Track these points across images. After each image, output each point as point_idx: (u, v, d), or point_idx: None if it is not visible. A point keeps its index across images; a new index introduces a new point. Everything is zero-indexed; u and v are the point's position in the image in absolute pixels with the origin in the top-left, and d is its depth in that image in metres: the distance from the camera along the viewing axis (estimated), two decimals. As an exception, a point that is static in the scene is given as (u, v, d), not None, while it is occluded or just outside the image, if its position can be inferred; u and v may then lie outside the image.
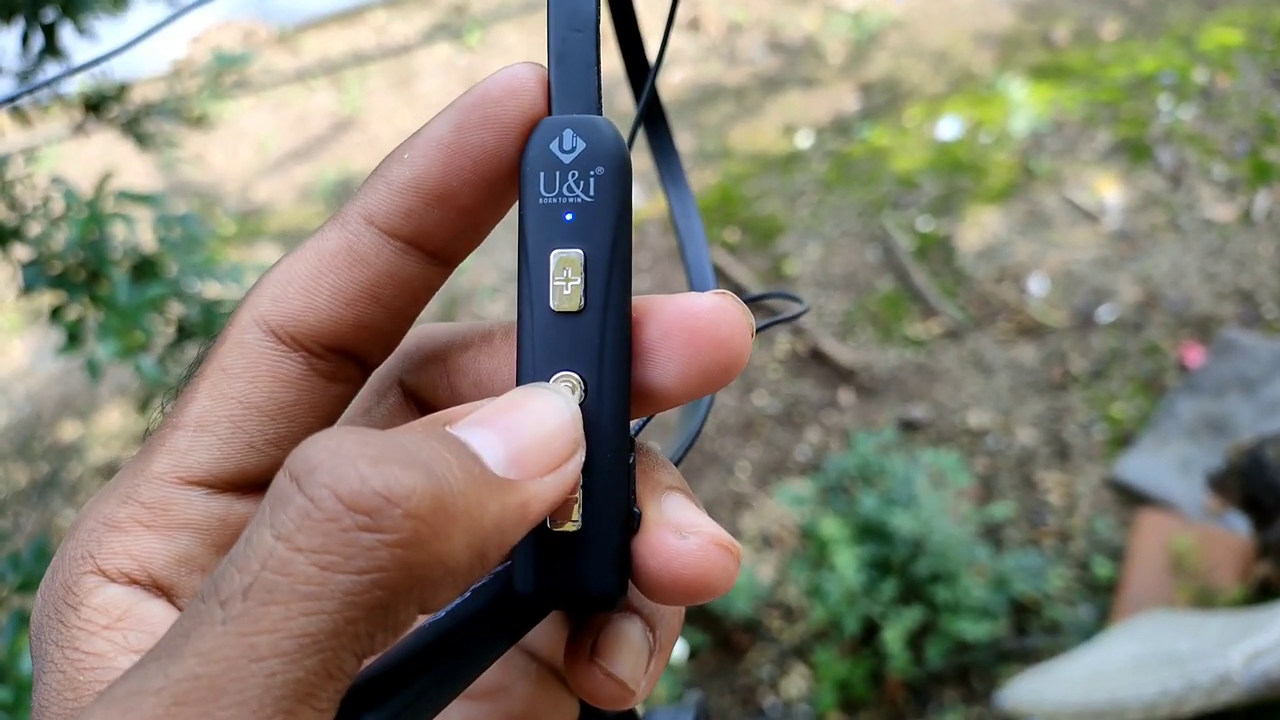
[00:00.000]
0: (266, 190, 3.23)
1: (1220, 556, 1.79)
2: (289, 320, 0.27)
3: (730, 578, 0.25)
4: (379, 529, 0.19)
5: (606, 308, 0.25)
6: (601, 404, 0.25)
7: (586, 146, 0.25)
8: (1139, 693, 1.48)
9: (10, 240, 0.79)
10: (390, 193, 0.27)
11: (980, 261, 2.40)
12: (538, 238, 0.25)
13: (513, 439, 0.23)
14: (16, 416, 2.69)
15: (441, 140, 0.26)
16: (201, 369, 0.27)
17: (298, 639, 0.19)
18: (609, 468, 0.26)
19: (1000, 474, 2.02)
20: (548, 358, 0.26)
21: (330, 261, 0.27)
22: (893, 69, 3.02)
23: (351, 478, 0.19)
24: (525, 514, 0.22)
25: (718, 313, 0.25)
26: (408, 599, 0.20)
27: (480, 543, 0.21)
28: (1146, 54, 2.82)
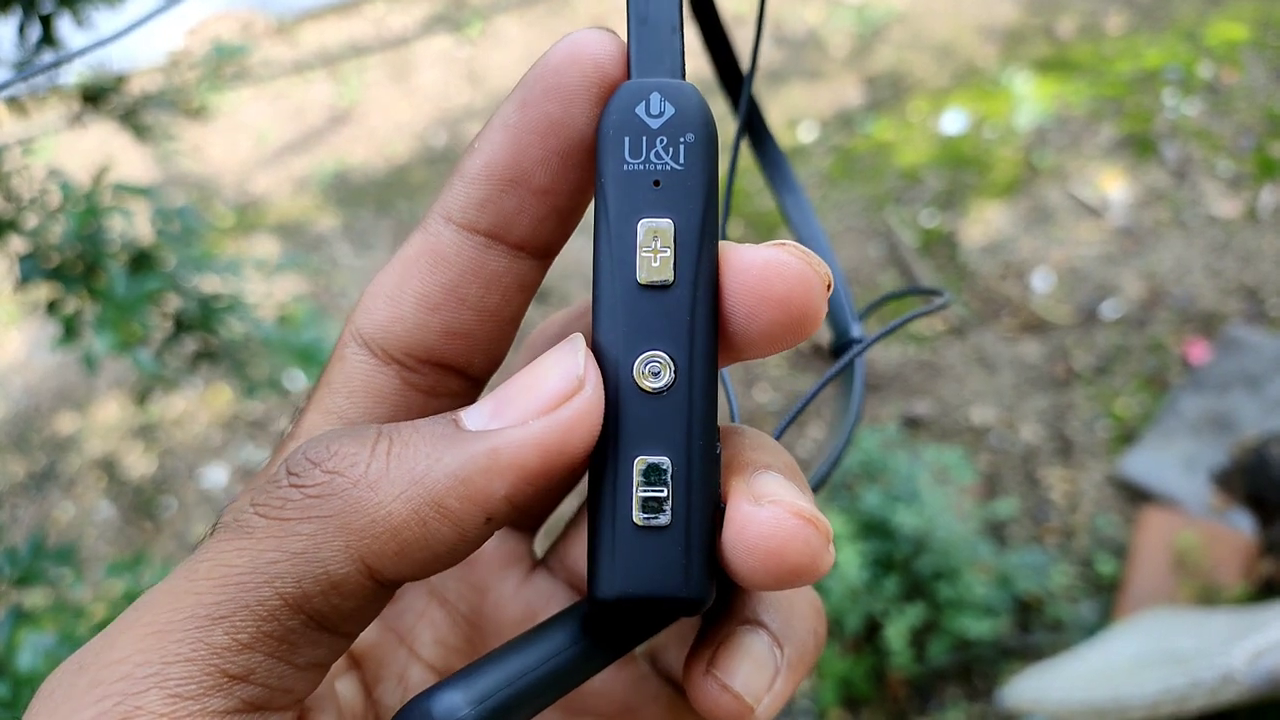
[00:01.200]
0: (265, 182, 3.21)
1: (1224, 554, 1.78)
2: (378, 332, 0.26)
3: (814, 556, 0.23)
4: (301, 484, 0.22)
5: (697, 282, 0.23)
6: (692, 387, 0.23)
7: (676, 112, 0.24)
8: (1142, 691, 1.48)
9: (7, 232, 0.78)
10: (464, 185, 0.25)
11: (984, 257, 2.39)
12: (622, 206, 0.24)
13: (501, 395, 0.23)
14: (14, 409, 2.68)
15: (507, 121, 0.25)
16: (318, 380, 0.28)
17: (225, 568, 0.21)
18: (699, 457, 0.23)
19: (1003, 471, 2.01)
20: (632, 336, 0.23)
21: (413, 267, 0.26)
22: (896, 62, 3.01)
23: (300, 451, 0.22)
24: (495, 460, 0.22)
25: (773, 267, 0.23)
26: (330, 546, 0.21)
27: (427, 493, 0.21)
28: (1152, 48, 2.80)
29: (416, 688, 0.28)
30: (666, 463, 0.23)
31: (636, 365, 0.23)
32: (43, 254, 0.76)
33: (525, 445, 0.22)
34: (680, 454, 0.23)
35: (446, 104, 3.33)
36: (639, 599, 0.23)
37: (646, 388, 0.23)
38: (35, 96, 1.14)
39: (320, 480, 0.22)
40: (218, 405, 2.52)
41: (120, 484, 2.43)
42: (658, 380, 0.23)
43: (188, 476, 2.41)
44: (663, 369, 0.23)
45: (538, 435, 0.22)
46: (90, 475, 2.46)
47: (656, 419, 0.23)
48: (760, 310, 0.23)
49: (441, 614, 0.30)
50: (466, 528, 0.22)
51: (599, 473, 0.24)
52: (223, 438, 2.46)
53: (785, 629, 0.27)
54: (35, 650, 0.73)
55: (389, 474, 0.21)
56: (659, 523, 0.23)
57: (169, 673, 0.20)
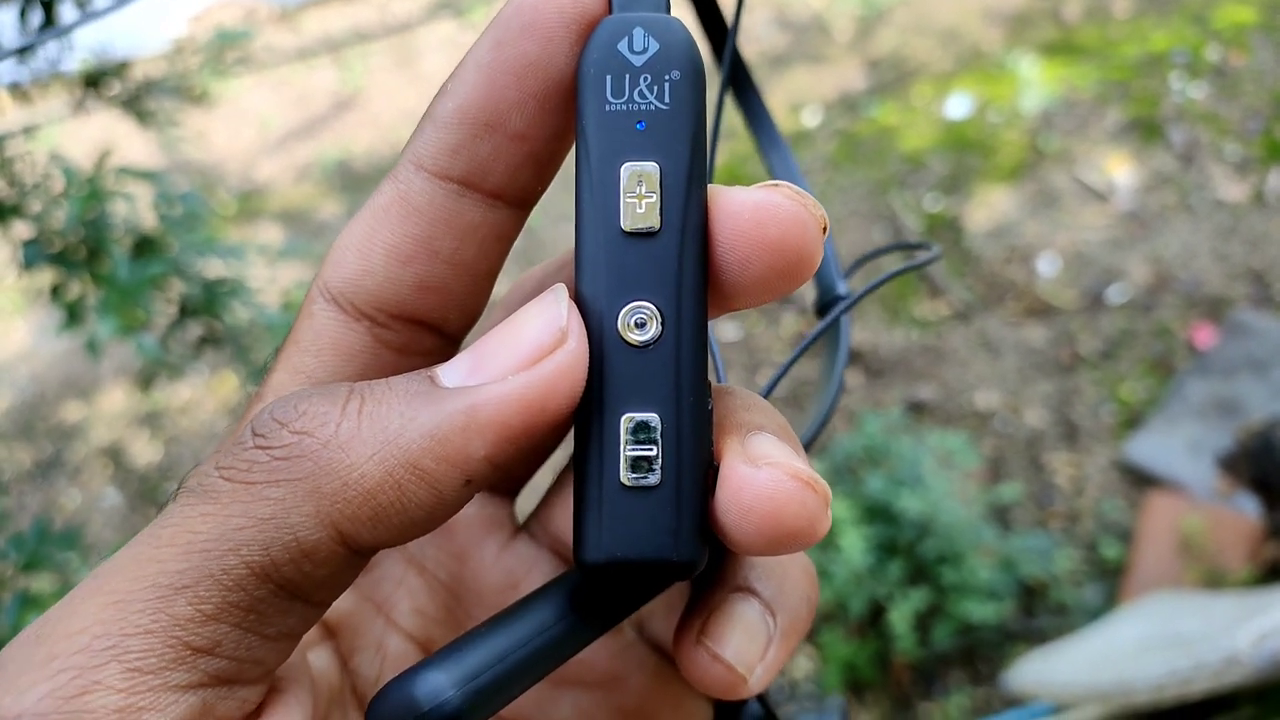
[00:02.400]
0: (268, 169, 3.21)
1: (1229, 538, 1.78)
2: (346, 285, 0.25)
3: (811, 519, 0.22)
4: (267, 445, 0.20)
5: (685, 228, 0.22)
6: (680, 338, 0.22)
7: (660, 48, 0.22)
8: (1146, 673, 1.48)
9: (10, 217, 0.78)
10: (436, 130, 0.24)
11: (989, 242, 2.38)
12: (604, 149, 0.22)
13: (479, 349, 0.22)
14: (20, 397, 2.69)
15: (480, 61, 0.23)
16: (286, 338, 0.26)
17: (189, 534, 0.20)
18: (690, 413, 0.22)
19: (1008, 455, 2.01)
20: (615, 285, 0.22)
21: (383, 217, 0.24)
22: (900, 46, 2.99)
23: (266, 411, 0.21)
24: (473, 418, 0.20)
25: (766, 210, 0.22)
26: (299, 511, 0.20)
27: (402, 453, 0.20)
28: (1158, 31, 2.78)
29: (395, 657, 0.28)
30: (655, 419, 0.22)
31: (621, 317, 0.22)
32: (46, 239, 0.76)
33: (505, 402, 0.21)
34: (669, 410, 0.22)
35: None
36: (628, 563, 0.22)
37: (632, 340, 0.22)
38: (38, 83, 1.14)
39: (288, 441, 0.20)
40: (223, 393, 2.52)
41: (126, 471, 2.44)
42: (644, 333, 0.22)
43: (193, 464, 2.42)
44: (649, 320, 0.22)
45: (519, 391, 0.21)
46: (96, 463, 2.47)
47: (644, 374, 0.22)
48: (753, 256, 0.22)
49: (420, 582, 0.29)
50: (444, 490, 0.21)
51: (584, 431, 0.23)
52: (228, 425, 2.47)
53: (778, 596, 0.26)
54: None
55: (360, 434, 0.20)
56: (648, 483, 0.22)
57: (128, 645, 0.19)
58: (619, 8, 0.23)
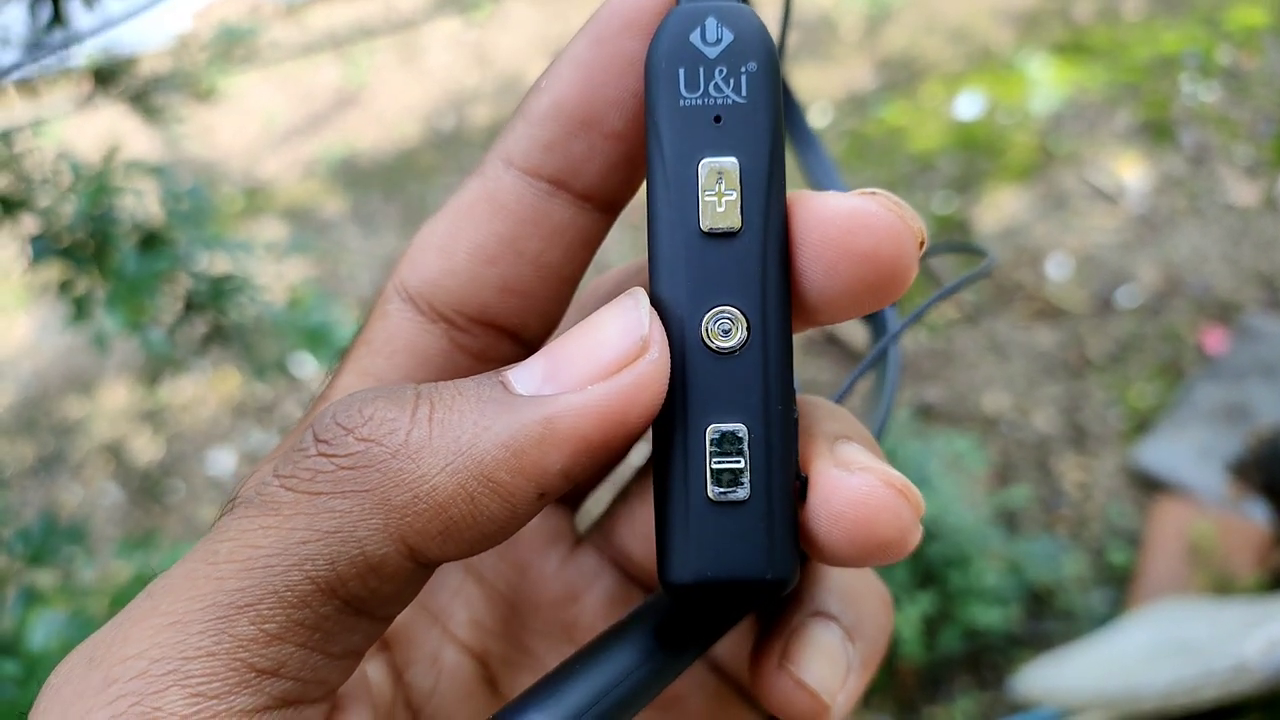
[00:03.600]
0: (273, 166, 3.20)
1: (1238, 544, 1.77)
2: (426, 285, 0.24)
3: (904, 528, 0.21)
4: (332, 453, 0.19)
5: (767, 228, 0.21)
6: (767, 345, 0.21)
7: (735, 38, 0.21)
8: (1154, 680, 1.47)
9: (18, 211, 0.77)
10: (529, 126, 0.23)
11: (998, 243, 2.37)
12: (680, 145, 0.21)
13: (555, 354, 0.21)
14: (23, 393, 2.68)
15: (578, 58, 0.23)
16: (355, 339, 0.25)
17: (250, 549, 0.19)
18: (777, 423, 0.21)
19: (1016, 459, 2.00)
20: (697, 288, 0.21)
21: (468, 214, 0.24)
22: (909, 45, 2.98)
23: (328, 414, 0.20)
24: (551, 430, 0.19)
25: (860, 218, 0.21)
26: (367, 524, 0.19)
27: (475, 465, 0.19)
28: (1170, 33, 2.77)
29: (451, 671, 0.27)
30: (742, 430, 0.21)
31: (705, 322, 0.21)
32: (54, 234, 0.75)
33: (584, 414, 0.20)
34: (757, 420, 0.21)
35: (455, 87, 3.31)
36: (718, 583, 0.21)
37: (716, 347, 0.21)
38: (46, 78, 1.13)
39: (354, 450, 0.19)
40: (226, 390, 2.52)
41: (128, 468, 2.43)
42: (728, 339, 0.21)
43: (195, 461, 2.41)
44: (734, 326, 0.21)
45: (598, 403, 0.20)
46: (98, 459, 2.46)
47: (728, 381, 0.21)
48: (842, 266, 0.21)
49: (478, 592, 0.28)
50: (517, 503, 0.20)
51: (665, 443, 0.21)
52: (230, 423, 2.46)
53: (857, 623, 0.25)
54: (48, 628, 0.72)
55: (432, 443, 0.19)
56: (736, 497, 0.21)
57: (190, 669, 0.18)
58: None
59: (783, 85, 0.22)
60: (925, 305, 0.30)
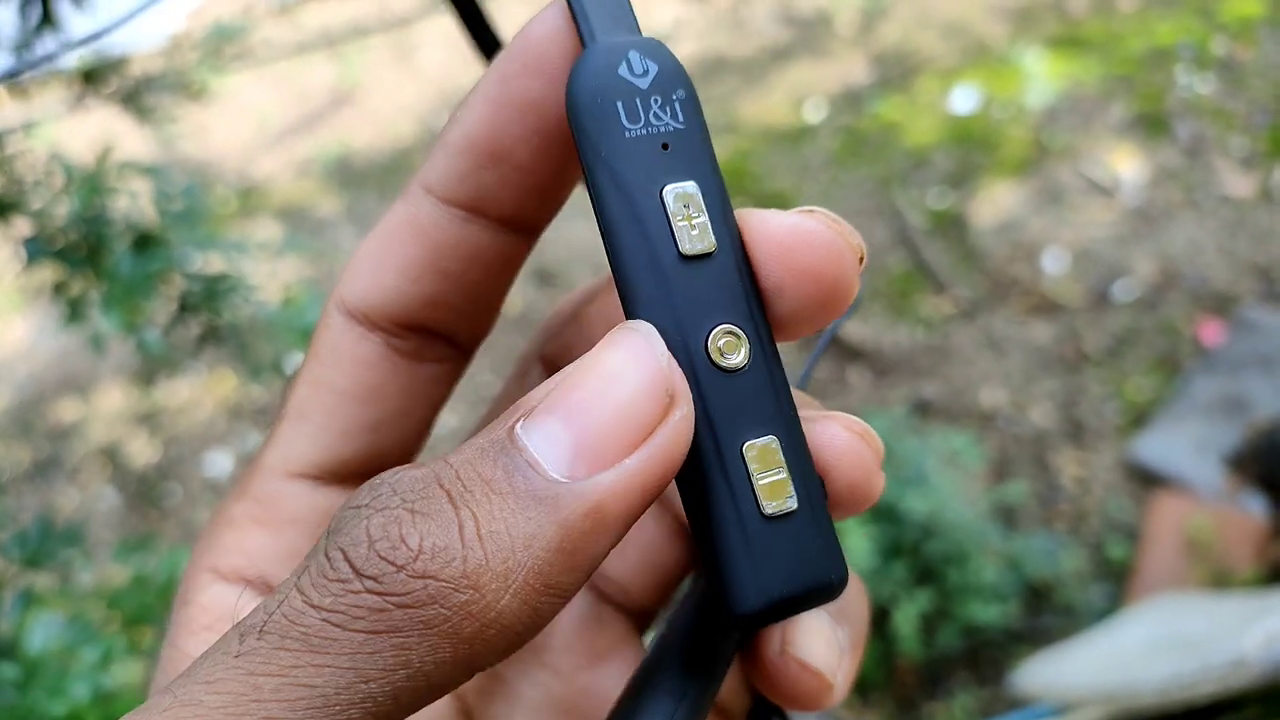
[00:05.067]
0: (267, 166, 3.19)
1: (1236, 538, 1.77)
2: (360, 299, 0.25)
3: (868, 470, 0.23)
4: (386, 592, 0.18)
5: (734, 245, 0.22)
6: (766, 354, 0.21)
7: (659, 68, 0.22)
8: (1152, 675, 1.47)
9: (10, 213, 0.77)
10: (445, 157, 0.24)
11: (994, 238, 2.37)
12: (638, 176, 0.21)
13: (580, 421, 0.20)
14: (18, 396, 2.67)
15: (488, 93, 0.24)
16: (306, 353, 0.27)
17: (303, 688, 0.18)
18: (797, 427, 0.22)
19: (1013, 454, 2.00)
20: (692, 312, 0.21)
21: (395, 236, 0.25)
22: (904, 40, 2.97)
23: (362, 540, 0.19)
24: (601, 519, 0.19)
25: (800, 235, 0.21)
26: (434, 659, 0.18)
27: (536, 578, 0.18)
28: (1164, 24, 2.77)
29: None
30: (774, 441, 0.21)
31: (709, 342, 0.21)
32: (47, 236, 0.75)
33: (629, 492, 0.19)
34: (783, 428, 0.21)
35: (449, 85, 3.30)
36: (791, 599, 0.21)
37: (726, 365, 0.21)
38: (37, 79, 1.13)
39: (413, 589, 0.18)
40: (221, 392, 2.51)
41: (124, 471, 2.43)
42: (736, 356, 0.21)
43: (192, 464, 2.41)
44: (738, 342, 0.21)
45: (640, 476, 0.19)
46: (94, 462, 2.46)
47: (746, 397, 0.21)
48: (788, 283, 0.21)
49: None
50: (573, 594, 0.20)
51: (700, 473, 0.21)
52: (227, 425, 2.45)
53: (843, 609, 0.26)
54: (47, 631, 0.72)
55: (490, 565, 0.18)
56: (789, 508, 0.21)
57: None
58: (600, 33, 0.22)
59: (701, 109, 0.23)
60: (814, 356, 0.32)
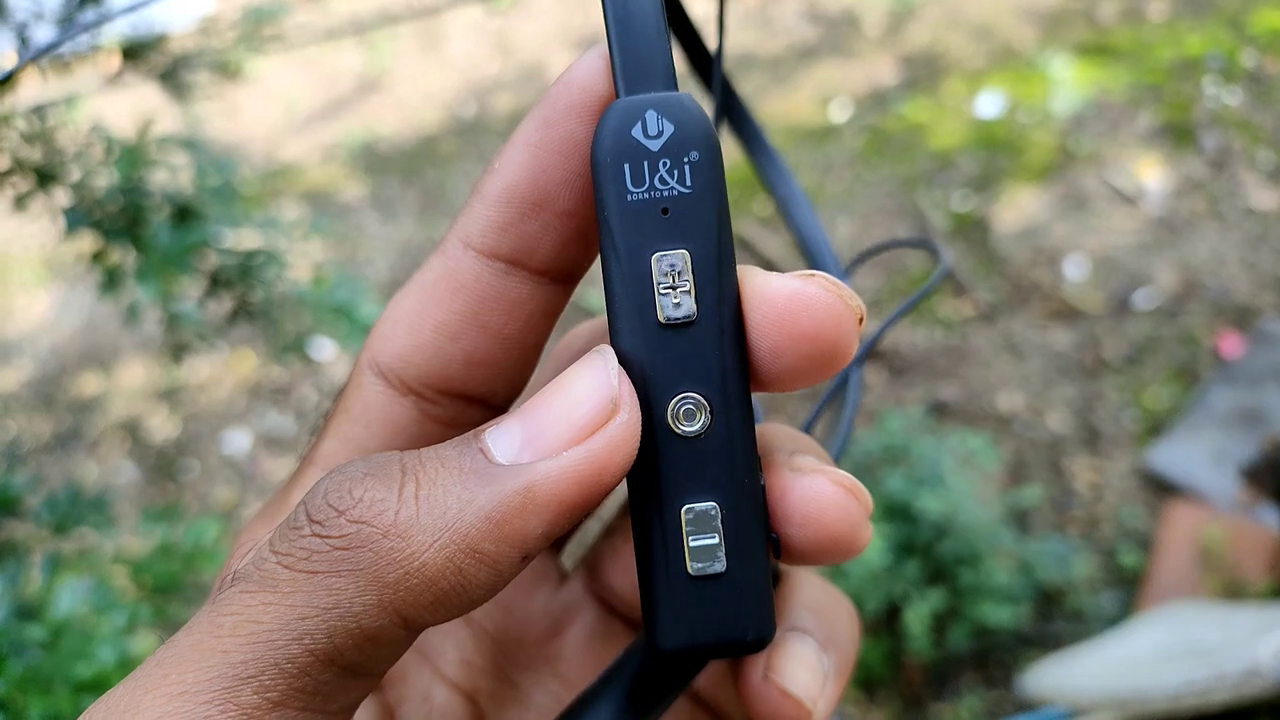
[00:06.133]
0: (294, 149, 3.21)
1: (1250, 549, 1.76)
2: (396, 361, 0.25)
3: (853, 523, 0.23)
4: (326, 534, 0.20)
5: (722, 314, 0.22)
6: (730, 424, 0.22)
7: (676, 129, 0.22)
8: (1164, 683, 1.47)
9: (50, 183, 0.78)
10: (484, 208, 0.24)
11: (1016, 243, 2.36)
12: (631, 240, 0.22)
13: (532, 419, 0.21)
14: (41, 369, 2.71)
15: (529, 140, 0.24)
16: (334, 405, 0.27)
17: (251, 624, 0.20)
18: (746, 496, 0.23)
19: (1029, 458, 2.00)
20: (660, 378, 0.22)
21: (432, 293, 0.25)
22: (932, 42, 2.96)
23: (320, 492, 0.21)
24: (531, 498, 0.20)
25: (800, 300, 0.22)
26: (361, 600, 0.20)
27: (461, 539, 0.20)
28: (1193, 35, 2.75)
29: (441, 707, 0.28)
30: (714, 508, 0.22)
31: (670, 409, 0.22)
32: (87, 206, 0.76)
33: (562, 480, 0.21)
34: (727, 496, 0.22)
35: (476, 74, 3.31)
36: (704, 647, 0.23)
37: (683, 432, 0.22)
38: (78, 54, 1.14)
39: (347, 531, 0.20)
40: (242, 370, 2.53)
41: (144, 446, 2.45)
42: (693, 423, 0.22)
43: (210, 441, 2.43)
44: (698, 411, 0.22)
45: (575, 467, 0.21)
46: (114, 436, 2.48)
47: (698, 463, 0.22)
48: (786, 347, 0.22)
49: (466, 632, 0.29)
50: (502, 568, 0.21)
51: (644, 523, 0.23)
52: (246, 403, 2.48)
53: (830, 637, 0.27)
54: (73, 595, 0.73)
55: (419, 520, 0.20)
56: (713, 570, 0.22)
57: None
58: (626, 90, 0.22)
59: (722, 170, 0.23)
60: (879, 331, 0.32)
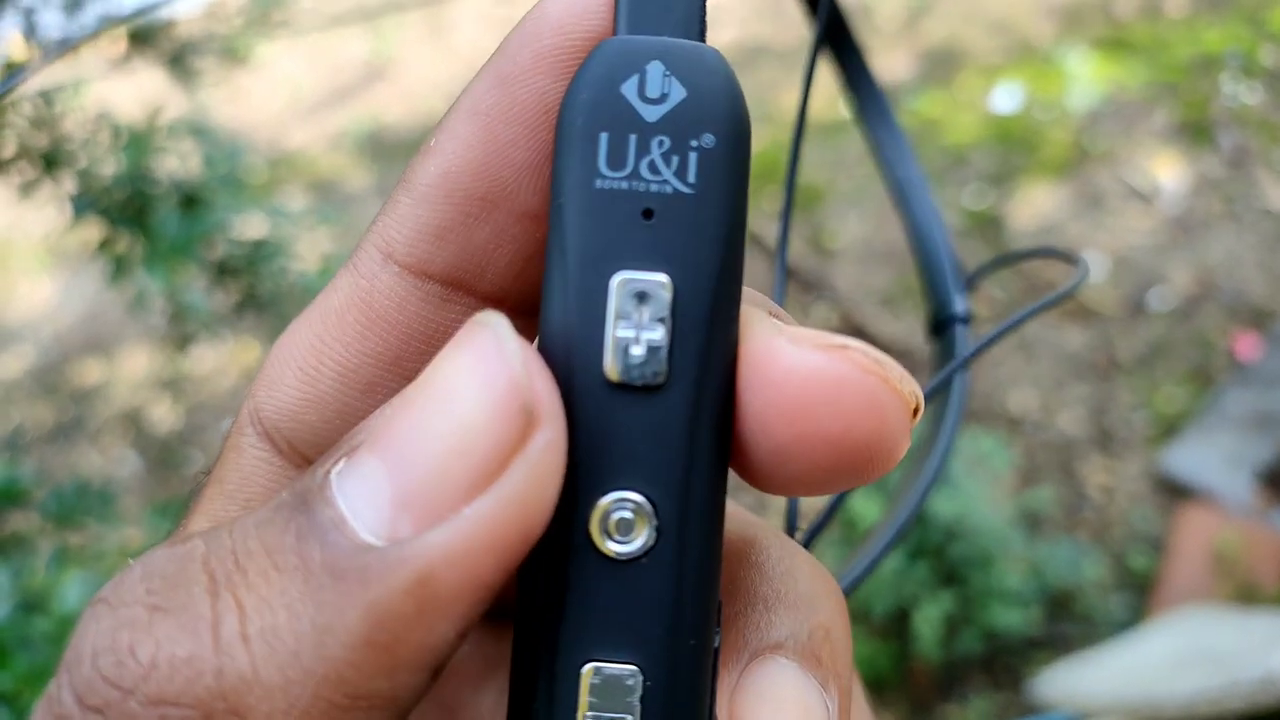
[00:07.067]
0: (299, 137, 3.19)
1: (1264, 554, 1.74)
2: (284, 417, 0.18)
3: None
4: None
5: (703, 384, 0.15)
6: (684, 550, 0.15)
7: (689, 95, 0.15)
8: (1177, 690, 1.45)
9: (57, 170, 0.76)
10: (414, 205, 0.16)
11: (1030, 241, 2.34)
12: (589, 247, 0.15)
13: (403, 458, 0.13)
14: (43, 357, 2.69)
15: (478, 106, 0.16)
16: (209, 473, 0.19)
17: None
18: (687, 663, 0.15)
19: (1040, 460, 1.98)
20: (591, 464, 0.15)
21: (337, 326, 0.17)
22: (948, 36, 2.94)
23: (85, 656, 0.13)
24: (430, 592, 0.13)
25: (826, 387, 0.14)
26: None
27: (334, 689, 0.13)
28: (1212, 31, 2.72)
29: None
30: (634, 675, 0.15)
31: (596, 515, 0.15)
32: (94, 193, 0.75)
33: (471, 554, 0.13)
34: (658, 659, 0.15)
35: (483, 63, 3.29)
36: None
37: (611, 551, 0.15)
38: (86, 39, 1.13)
39: (149, 717, 0.13)
40: (246, 361, 2.52)
41: (147, 436, 2.44)
42: (628, 540, 0.15)
43: (214, 431, 2.42)
44: (637, 522, 0.15)
45: (485, 529, 0.13)
46: (117, 426, 2.47)
47: (624, 601, 0.15)
48: (797, 451, 0.15)
49: None
50: (404, 701, 0.14)
51: (524, 678, 0.15)
52: (250, 393, 2.47)
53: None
54: (80, 589, 0.72)
55: (258, 676, 0.13)
56: None
57: None
58: (629, 27, 0.15)
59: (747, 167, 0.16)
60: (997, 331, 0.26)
